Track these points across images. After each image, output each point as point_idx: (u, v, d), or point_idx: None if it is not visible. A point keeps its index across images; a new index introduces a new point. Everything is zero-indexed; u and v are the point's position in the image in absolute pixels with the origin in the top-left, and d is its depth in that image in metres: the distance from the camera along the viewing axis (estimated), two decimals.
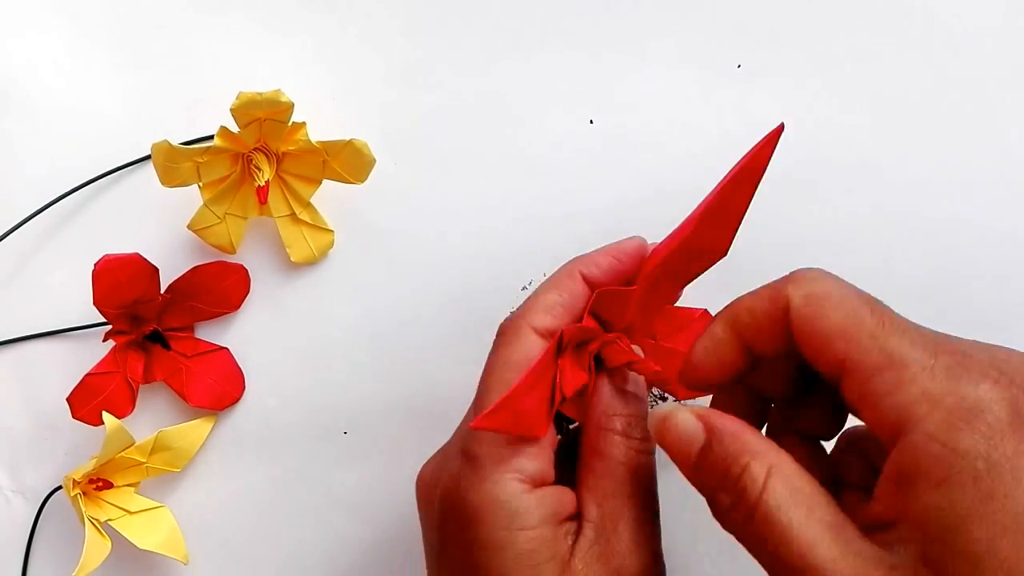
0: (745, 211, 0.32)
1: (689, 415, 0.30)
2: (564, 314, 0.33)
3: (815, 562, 0.26)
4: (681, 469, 0.30)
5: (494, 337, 0.34)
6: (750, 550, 0.28)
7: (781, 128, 0.30)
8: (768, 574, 0.28)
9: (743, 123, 0.45)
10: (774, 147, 0.30)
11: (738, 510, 0.28)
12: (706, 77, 0.45)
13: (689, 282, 0.35)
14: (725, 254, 0.33)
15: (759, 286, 0.31)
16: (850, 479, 0.32)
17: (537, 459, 0.32)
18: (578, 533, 0.32)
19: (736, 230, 0.33)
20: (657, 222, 0.44)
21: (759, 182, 0.31)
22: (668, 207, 0.44)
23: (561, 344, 0.33)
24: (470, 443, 0.32)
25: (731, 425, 0.29)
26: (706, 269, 0.34)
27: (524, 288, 0.44)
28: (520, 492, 0.31)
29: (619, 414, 0.33)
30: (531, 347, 0.33)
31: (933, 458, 0.25)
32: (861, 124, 0.45)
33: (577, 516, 0.32)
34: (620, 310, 0.34)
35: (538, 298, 0.34)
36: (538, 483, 0.32)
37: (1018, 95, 0.45)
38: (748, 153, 0.31)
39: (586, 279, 0.34)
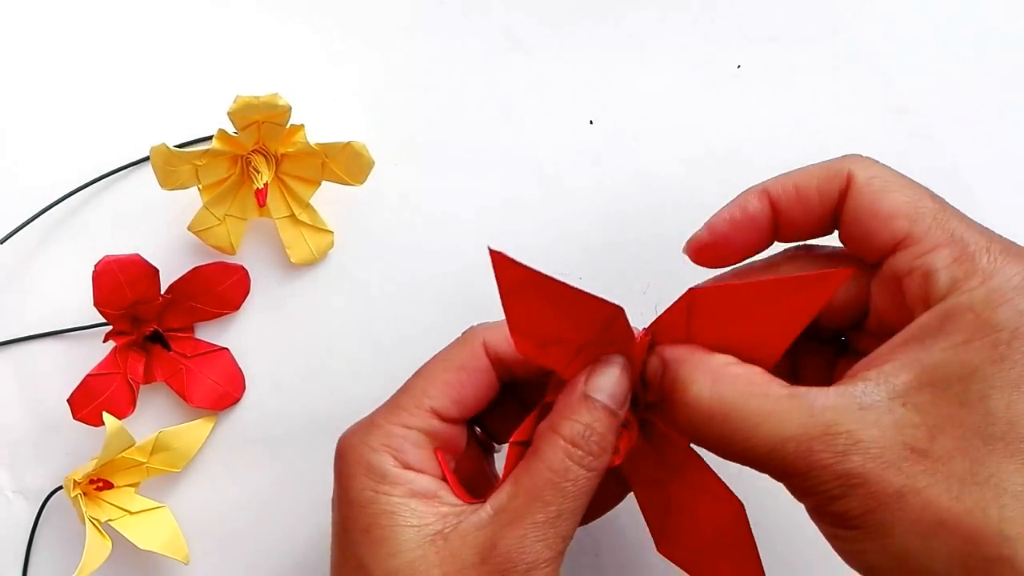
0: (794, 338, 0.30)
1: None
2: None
3: (765, 416, 0.28)
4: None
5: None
6: (712, 450, 0.29)
7: (849, 272, 0.29)
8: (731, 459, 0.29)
9: (743, 123, 0.45)
10: (835, 288, 0.29)
11: (680, 411, 0.29)
12: (706, 77, 0.45)
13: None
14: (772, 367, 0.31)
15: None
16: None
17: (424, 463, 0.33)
18: (471, 515, 0.31)
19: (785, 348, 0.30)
20: (657, 222, 0.45)
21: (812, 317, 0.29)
22: (668, 207, 0.45)
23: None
24: (380, 410, 0.34)
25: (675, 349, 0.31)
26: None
27: None
28: (393, 464, 0.32)
29: (575, 420, 0.30)
30: (475, 357, 0.34)
31: (964, 323, 0.27)
32: (860, 124, 0.45)
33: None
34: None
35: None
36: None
37: (1019, 95, 0.45)
38: (805, 279, 0.29)
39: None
